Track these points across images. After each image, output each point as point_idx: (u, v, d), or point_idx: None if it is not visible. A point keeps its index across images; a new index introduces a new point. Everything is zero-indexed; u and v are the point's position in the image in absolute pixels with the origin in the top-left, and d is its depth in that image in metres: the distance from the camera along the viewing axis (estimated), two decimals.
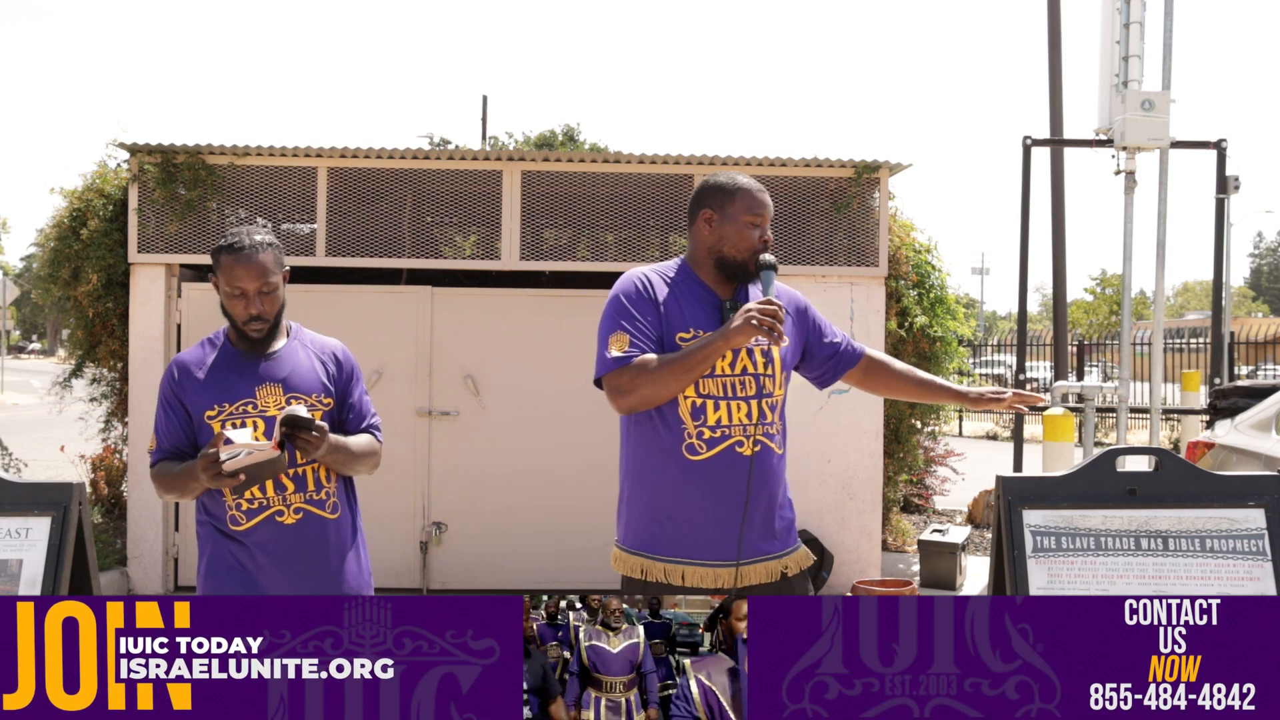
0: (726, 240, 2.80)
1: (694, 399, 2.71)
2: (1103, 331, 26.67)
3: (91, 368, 7.27)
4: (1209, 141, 8.59)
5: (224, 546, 2.79)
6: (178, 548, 6.72)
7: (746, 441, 2.72)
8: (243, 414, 2.76)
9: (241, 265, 2.75)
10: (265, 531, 2.76)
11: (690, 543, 2.70)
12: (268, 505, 2.76)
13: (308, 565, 2.78)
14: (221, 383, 2.79)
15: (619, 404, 2.72)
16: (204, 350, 2.87)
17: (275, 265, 2.80)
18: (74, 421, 7.74)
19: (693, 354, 2.66)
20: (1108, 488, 2.64)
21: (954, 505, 9.67)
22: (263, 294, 2.77)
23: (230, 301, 2.79)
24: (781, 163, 6.74)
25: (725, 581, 2.69)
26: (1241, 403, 6.38)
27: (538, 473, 6.81)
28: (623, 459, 2.85)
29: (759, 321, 2.60)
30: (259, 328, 2.79)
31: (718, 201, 2.82)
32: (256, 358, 2.82)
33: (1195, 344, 20.71)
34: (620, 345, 2.71)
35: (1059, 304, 14.53)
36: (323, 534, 2.80)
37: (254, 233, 2.80)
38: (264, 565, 2.76)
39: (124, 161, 6.85)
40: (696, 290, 2.80)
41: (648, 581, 2.72)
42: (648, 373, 2.66)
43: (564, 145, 27.60)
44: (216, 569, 2.79)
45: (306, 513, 2.78)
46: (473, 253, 7.74)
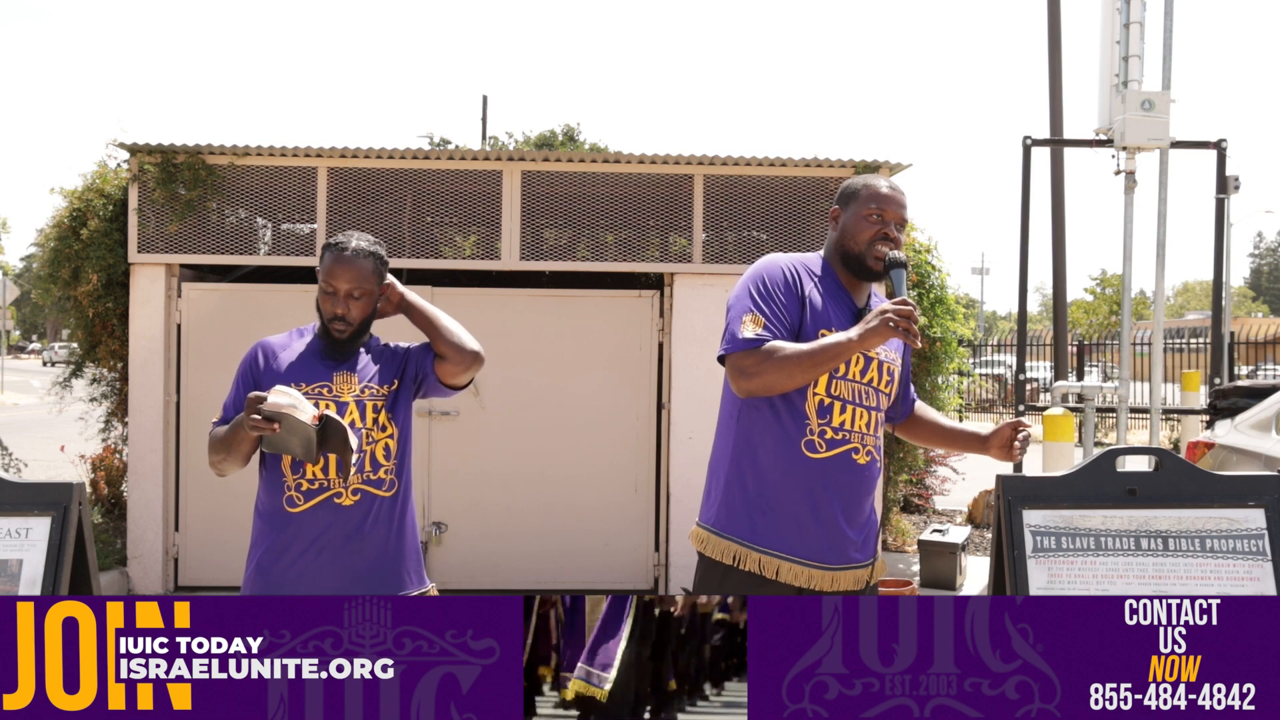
0: (846, 233, 2.78)
1: (823, 397, 2.68)
2: (1103, 331, 26.67)
3: (91, 368, 7.28)
4: (1209, 141, 8.59)
5: (275, 539, 2.79)
6: (178, 548, 6.72)
7: (861, 450, 2.72)
8: (317, 395, 2.80)
9: (340, 265, 2.81)
10: (322, 513, 2.77)
11: (792, 538, 2.66)
12: (327, 486, 2.77)
13: (360, 546, 2.78)
14: (300, 366, 2.85)
15: (740, 385, 2.66)
16: (290, 338, 2.94)
17: (372, 274, 2.84)
18: (74, 421, 7.75)
19: (825, 349, 2.61)
20: (1108, 488, 2.64)
21: (954, 505, 9.67)
22: (352, 297, 2.82)
23: (322, 297, 2.86)
24: (781, 163, 6.75)
25: (817, 583, 2.66)
26: (1241, 403, 6.38)
27: (538, 473, 6.81)
28: (724, 441, 2.79)
29: (895, 323, 2.56)
30: (341, 329, 2.84)
31: (844, 198, 2.83)
32: (339, 354, 2.88)
33: (1195, 344, 20.71)
34: (754, 327, 2.65)
35: (1059, 304, 14.53)
36: (378, 513, 2.81)
37: (363, 239, 2.87)
38: (313, 556, 2.76)
39: (124, 161, 6.85)
40: (835, 289, 2.78)
41: (738, 569, 2.67)
42: (775, 359, 2.61)
43: (564, 145, 27.59)
44: (266, 564, 2.79)
45: (364, 493, 2.80)
46: (473, 253, 7.74)
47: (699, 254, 6.77)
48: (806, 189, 6.85)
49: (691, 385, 6.75)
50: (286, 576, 2.76)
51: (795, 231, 6.83)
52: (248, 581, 2.83)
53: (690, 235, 6.89)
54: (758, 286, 2.71)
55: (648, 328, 6.88)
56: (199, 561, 6.72)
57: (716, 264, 6.85)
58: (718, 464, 2.79)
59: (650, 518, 6.88)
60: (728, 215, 6.88)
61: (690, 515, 6.70)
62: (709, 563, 2.73)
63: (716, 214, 6.83)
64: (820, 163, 6.75)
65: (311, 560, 2.76)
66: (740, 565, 2.66)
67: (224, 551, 6.67)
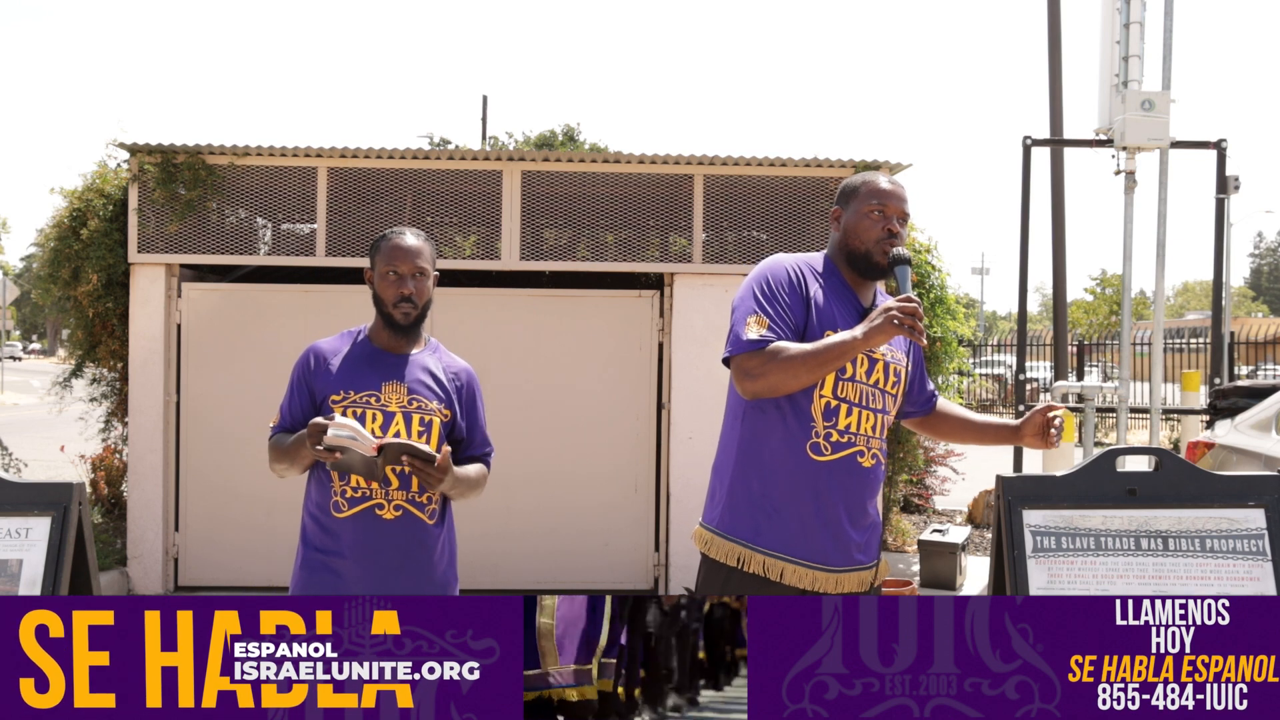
0: (849, 231, 2.77)
1: (829, 399, 2.66)
2: (1103, 331, 26.67)
3: (91, 368, 7.27)
4: (1209, 141, 8.59)
5: (320, 537, 2.81)
6: (178, 548, 6.72)
7: (866, 453, 2.71)
8: (365, 404, 2.81)
9: (401, 247, 2.88)
10: (363, 522, 2.78)
11: (797, 541, 2.65)
12: (370, 496, 2.78)
13: (400, 564, 2.79)
14: (352, 371, 2.86)
15: (745, 387, 2.65)
16: (342, 341, 2.95)
17: (430, 256, 2.93)
18: (74, 421, 7.74)
19: (830, 348, 2.59)
20: (1108, 488, 2.64)
21: (954, 505, 9.67)
22: (416, 276, 2.88)
23: (383, 284, 2.89)
24: (781, 163, 6.75)
25: (822, 585, 2.65)
26: (1241, 403, 6.38)
27: (538, 473, 6.81)
28: (729, 442, 2.78)
29: (900, 320, 2.54)
30: (408, 310, 2.88)
31: (845, 197, 2.82)
32: (391, 355, 2.90)
33: (1195, 344, 20.72)
34: (759, 328, 2.64)
35: (1059, 304, 14.52)
36: (419, 536, 2.82)
37: (414, 229, 2.95)
38: (355, 559, 2.77)
39: (124, 161, 6.85)
40: (840, 289, 2.76)
41: (742, 571, 2.66)
42: (779, 360, 2.59)
43: (564, 145, 27.59)
44: (311, 558, 2.83)
45: (406, 511, 2.80)
46: (473, 253, 7.74)
47: (699, 254, 6.77)
48: (806, 189, 6.85)
49: (691, 385, 6.75)
50: (320, 588, 2.78)
51: (795, 231, 6.83)
52: (293, 577, 2.87)
53: (690, 235, 6.89)
54: (762, 287, 2.69)
55: (648, 328, 6.88)
56: (199, 561, 6.72)
57: (716, 264, 6.85)
58: (722, 465, 2.78)
59: (650, 518, 6.88)
60: (728, 215, 6.88)
61: (690, 515, 6.71)
62: (712, 564, 2.73)
63: (716, 214, 6.83)
64: (820, 163, 6.75)
65: (343, 576, 2.77)
66: (744, 567, 2.66)
67: (224, 551, 6.67)
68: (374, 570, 2.77)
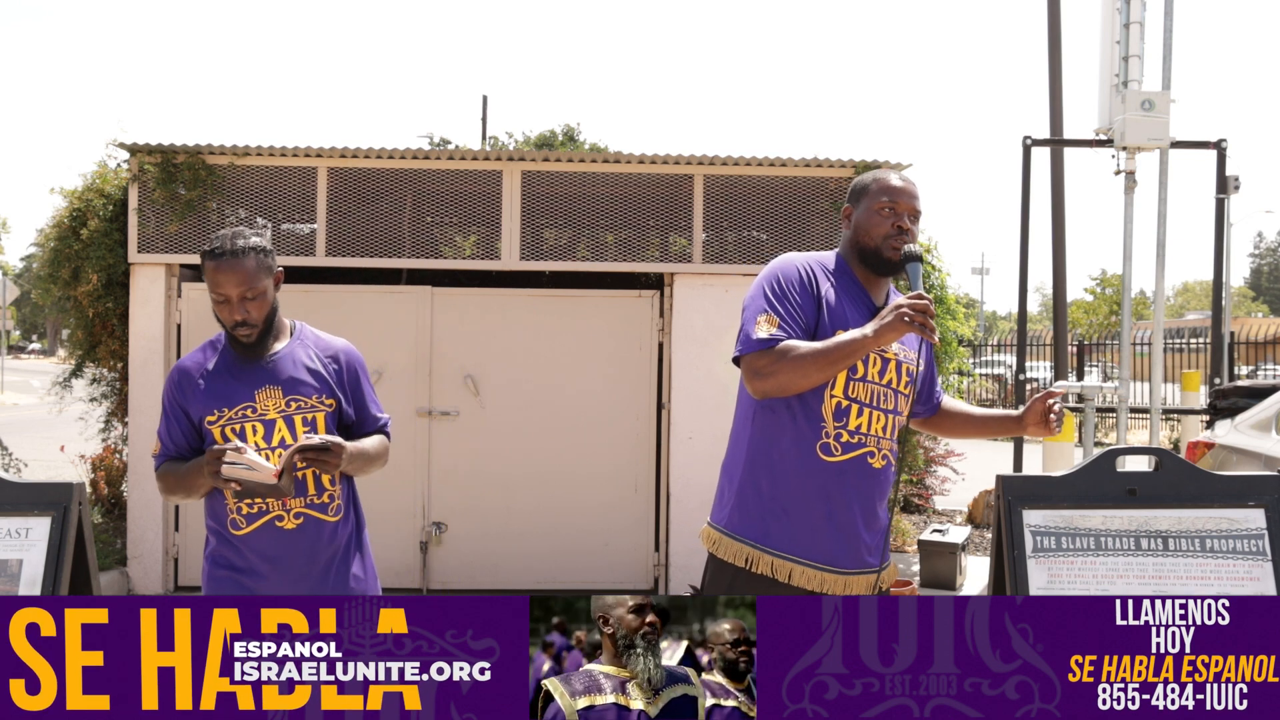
0: (861, 228, 2.75)
1: (840, 399, 2.65)
2: (1103, 331, 26.66)
3: (91, 368, 7.27)
4: (1209, 141, 8.58)
5: (224, 551, 2.80)
6: (178, 548, 6.71)
7: (877, 454, 2.70)
8: (241, 418, 2.74)
9: (223, 271, 2.69)
10: (264, 537, 2.75)
11: (807, 542, 2.64)
12: (267, 510, 2.75)
13: (306, 570, 2.77)
14: (220, 388, 2.76)
15: (755, 386, 2.63)
16: (205, 355, 2.85)
17: (260, 270, 2.72)
18: (74, 421, 7.74)
19: (840, 346, 2.57)
20: (1108, 488, 2.64)
21: (954, 505, 9.66)
22: (247, 300, 2.71)
23: (217, 307, 2.75)
24: (781, 163, 6.75)
25: (830, 587, 2.64)
26: (1241, 403, 6.38)
27: (538, 473, 6.81)
28: (739, 442, 2.76)
29: (911, 318, 2.52)
30: (246, 333, 2.75)
31: (856, 195, 2.81)
32: (255, 361, 2.79)
33: (1195, 344, 20.72)
34: (769, 327, 2.61)
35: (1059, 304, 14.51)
36: (323, 537, 2.78)
37: (238, 236, 2.73)
38: (263, 572, 2.76)
39: (124, 161, 6.85)
40: (851, 288, 2.75)
41: (750, 572, 2.65)
42: (790, 359, 2.57)
43: (564, 145, 27.55)
44: (216, 574, 2.80)
45: (307, 517, 2.76)
46: (473, 253, 7.73)
47: (699, 254, 6.77)
48: (806, 189, 6.85)
49: (691, 385, 6.75)
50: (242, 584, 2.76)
51: (795, 231, 6.82)
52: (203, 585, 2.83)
53: (690, 235, 6.89)
54: (772, 286, 2.67)
55: (648, 328, 6.88)
56: (199, 561, 6.70)
57: (716, 264, 6.84)
58: (732, 465, 2.77)
59: (650, 518, 6.88)
60: (728, 215, 6.88)
61: (690, 515, 6.71)
62: (720, 564, 2.71)
63: (716, 214, 6.82)
64: (820, 163, 6.75)
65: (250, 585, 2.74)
66: (753, 568, 2.65)
67: None
68: (288, 580, 2.74)
